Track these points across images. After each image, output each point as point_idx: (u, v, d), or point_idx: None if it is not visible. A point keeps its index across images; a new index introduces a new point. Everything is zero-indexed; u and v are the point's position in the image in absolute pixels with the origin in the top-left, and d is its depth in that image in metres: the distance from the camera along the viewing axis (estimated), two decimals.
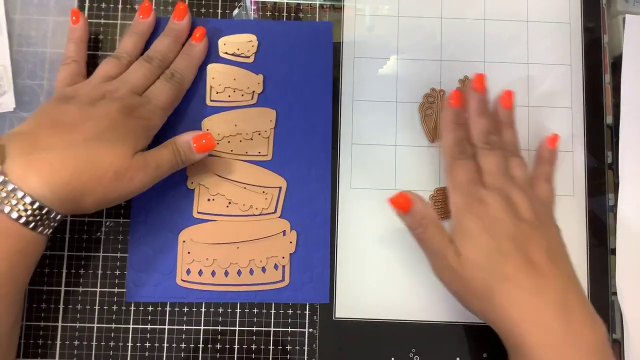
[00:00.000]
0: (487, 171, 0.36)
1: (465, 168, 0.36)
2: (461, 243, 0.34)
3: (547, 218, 0.35)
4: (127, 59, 0.38)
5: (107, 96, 0.34)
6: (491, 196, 0.34)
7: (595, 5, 0.43)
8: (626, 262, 0.40)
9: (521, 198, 0.34)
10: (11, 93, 0.40)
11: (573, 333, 0.30)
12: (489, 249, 0.33)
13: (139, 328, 0.38)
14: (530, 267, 0.32)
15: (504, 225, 0.33)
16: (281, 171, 0.40)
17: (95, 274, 0.39)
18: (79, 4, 0.41)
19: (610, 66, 0.43)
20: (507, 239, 0.32)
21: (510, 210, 0.34)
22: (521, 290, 0.31)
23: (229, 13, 0.42)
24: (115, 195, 0.33)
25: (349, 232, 0.40)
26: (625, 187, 0.41)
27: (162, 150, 0.35)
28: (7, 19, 0.41)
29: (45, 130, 0.32)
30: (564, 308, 0.31)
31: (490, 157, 0.36)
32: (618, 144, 0.42)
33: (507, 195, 0.34)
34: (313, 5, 0.42)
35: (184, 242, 0.39)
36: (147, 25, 0.40)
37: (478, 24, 0.43)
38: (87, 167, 0.31)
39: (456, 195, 0.36)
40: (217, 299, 0.39)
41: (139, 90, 0.36)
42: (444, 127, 0.38)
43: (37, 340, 0.38)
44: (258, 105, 0.41)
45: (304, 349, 0.38)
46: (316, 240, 0.39)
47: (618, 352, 0.39)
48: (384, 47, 0.42)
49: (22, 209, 0.30)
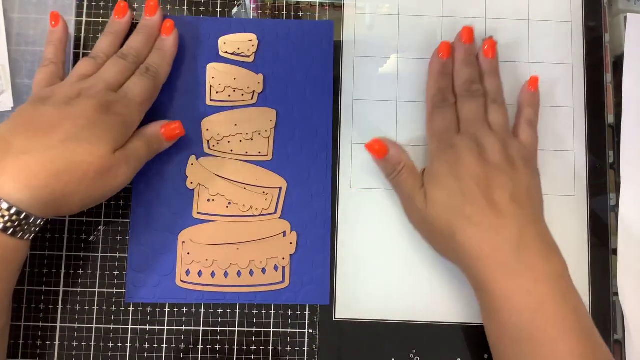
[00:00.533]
0: (464, 118, 0.37)
1: (444, 116, 0.37)
2: (428, 186, 0.35)
3: (522, 162, 0.35)
4: (103, 59, 0.37)
5: (83, 94, 0.34)
6: (462, 141, 0.35)
7: (597, 4, 0.43)
8: (627, 262, 0.40)
9: (492, 142, 0.35)
10: (9, 92, 0.40)
11: (527, 265, 0.32)
12: (452, 190, 0.34)
13: (138, 329, 0.38)
14: (491, 208, 0.33)
15: (470, 168, 0.34)
16: (281, 171, 0.40)
17: (94, 274, 0.39)
18: (77, 3, 0.41)
19: (612, 65, 0.43)
20: (471, 180, 0.34)
21: (478, 154, 0.34)
22: (479, 228, 0.33)
23: (229, 12, 0.42)
24: (100, 193, 0.33)
25: (349, 233, 0.40)
26: (626, 187, 0.41)
27: (136, 143, 0.35)
28: (6, 18, 0.41)
29: (21, 132, 0.31)
30: (519, 243, 0.32)
31: (469, 104, 0.37)
32: (619, 144, 0.41)
33: (478, 140, 0.35)
34: (313, 3, 0.42)
35: (183, 243, 0.39)
36: (123, 25, 0.39)
37: (479, 23, 0.43)
38: (66, 168, 0.31)
39: (432, 142, 0.37)
40: (216, 300, 0.38)
41: (115, 86, 0.35)
42: (430, 77, 0.40)
43: (35, 341, 0.38)
44: (258, 105, 0.41)
45: (303, 350, 0.38)
46: (316, 242, 0.39)
47: (619, 353, 0.39)
48: (384, 46, 0.42)
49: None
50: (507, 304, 0.32)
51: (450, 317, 0.39)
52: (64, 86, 0.35)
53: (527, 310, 0.31)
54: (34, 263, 0.39)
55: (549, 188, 0.41)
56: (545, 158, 0.41)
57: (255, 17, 0.42)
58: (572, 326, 0.31)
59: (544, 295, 0.31)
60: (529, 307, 0.31)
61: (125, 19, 0.39)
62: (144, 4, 0.39)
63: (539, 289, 0.31)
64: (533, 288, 0.31)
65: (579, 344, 0.30)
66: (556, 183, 0.41)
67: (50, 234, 0.39)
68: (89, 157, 0.32)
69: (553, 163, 0.41)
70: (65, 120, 0.32)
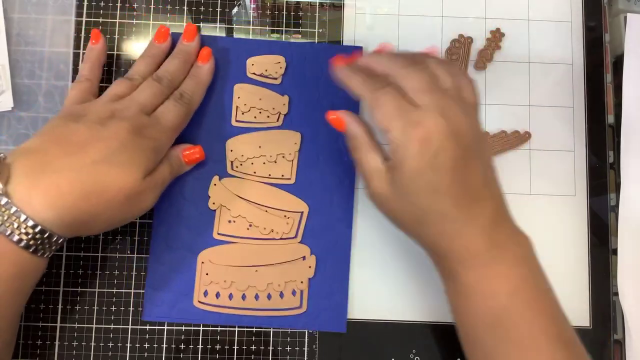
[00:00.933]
0: (416, 90, 0.31)
1: (390, 95, 0.31)
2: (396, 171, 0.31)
3: (481, 132, 0.33)
4: (139, 81, 0.37)
5: (116, 115, 0.34)
6: (429, 116, 0.30)
7: (597, 4, 0.43)
8: (627, 262, 0.40)
9: (460, 116, 0.30)
10: (9, 92, 0.40)
11: (498, 248, 0.31)
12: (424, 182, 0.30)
13: (138, 329, 0.38)
14: (465, 197, 0.30)
15: (447, 154, 0.30)
16: (304, 195, 0.39)
17: (94, 274, 0.39)
18: (77, 3, 0.41)
19: (612, 65, 0.43)
20: (445, 171, 0.30)
21: (452, 135, 0.30)
22: (452, 221, 0.31)
23: (229, 12, 0.42)
24: (124, 217, 0.34)
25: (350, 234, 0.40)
26: (626, 187, 0.41)
27: (162, 167, 0.35)
28: (6, 18, 0.41)
29: (53, 149, 0.31)
30: (492, 228, 0.31)
31: (414, 74, 0.31)
32: (620, 144, 0.41)
33: (444, 113, 0.30)
34: (313, 3, 0.42)
35: (202, 263, 0.38)
36: (162, 49, 0.39)
37: (479, 23, 0.43)
38: (95, 190, 0.31)
39: (391, 126, 0.31)
40: (233, 323, 0.38)
41: (148, 109, 0.35)
42: (346, 80, 0.34)
43: (35, 341, 0.38)
44: (283, 127, 0.40)
45: (303, 350, 0.38)
46: (335, 268, 0.39)
47: (619, 353, 0.39)
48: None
49: (23, 232, 0.29)
50: (482, 289, 0.31)
51: (450, 317, 0.39)
52: (97, 104, 0.35)
53: (503, 294, 0.31)
54: None
55: (549, 188, 0.41)
56: (545, 158, 0.41)
57: (255, 17, 0.42)
58: (545, 306, 0.31)
59: (519, 278, 0.31)
60: (505, 291, 0.31)
61: (165, 44, 0.39)
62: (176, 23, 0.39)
63: (515, 272, 0.31)
64: (508, 271, 0.31)
65: (553, 324, 0.30)
66: (556, 183, 0.41)
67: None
68: (119, 181, 0.32)
69: (553, 163, 0.41)
70: (97, 141, 0.32)
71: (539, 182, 0.41)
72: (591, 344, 0.39)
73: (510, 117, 0.41)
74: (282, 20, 0.42)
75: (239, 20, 0.42)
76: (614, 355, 0.39)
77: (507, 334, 0.31)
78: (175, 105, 0.36)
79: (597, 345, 0.39)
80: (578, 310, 0.40)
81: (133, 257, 0.39)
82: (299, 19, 0.42)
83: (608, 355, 0.39)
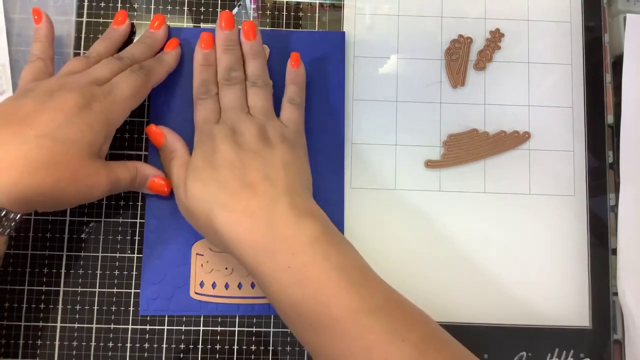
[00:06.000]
0: (225, 107, 0.36)
1: (204, 107, 0.36)
2: (187, 179, 0.34)
3: (279, 140, 0.35)
4: (95, 59, 0.36)
5: (66, 86, 0.33)
6: (219, 130, 0.35)
7: (596, 4, 0.43)
8: (627, 262, 0.40)
9: (247, 127, 0.35)
10: (9, 92, 0.40)
11: (282, 239, 0.31)
12: (207, 180, 0.33)
13: (138, 329, 0.38)
14: (246, 191, 0.32)
15: (224, 155, 0.33)
16: None
17: (94, 274, 0.39)
18: (77, 3, 0.41)
19: (611, 65, 0.43)
20: (225, 168, 0.33)
21: (233, 140, 0.34)
22: (234, 214, 0.32)
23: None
24: (76, 197, 0.33)
25: (349, 232, 0.40)
26: (626, 187, 0.41)
27: (123, 168, 0.35)
28: (6, 19, 0.41)
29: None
30: (271, 220, 0.31)
31: (228, 92, 0.37)
32: (619, 144, 0.41)
33: (234, 127, 0.35)
34: (313, 4, 0.42)
35: (197, 255, 0.38)
36: (121, 32, 0.39)
37: (479, 23, 0.43)
38: (39, 166, 0.30)
39: (195, 135, 0.36)
40: (231, 312, 0.38)
41: (102, 82, 0.34)
42: (194, 70, 0.38)
43: (35, 341, 0.38)
44: None
45: (303, 350, 0.38)
46: None
47: (619, 353, 0.39)
48: (384, 46, 0.42)
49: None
50: (274, 283, 0.31)
51: (450, 317, 0.39)
52: (50, 80, 0.34)
53: (292, 285, 0.30)
54: (34, 263, 0.39)
55: (549, 188, 0.41)
56: (545, 158, 0.41)
57: (256, 17, 0.42)
58: (339, 285, 0.30)
59: (304, 266, 0.30)
60: (293, 281, 0.30)
61: (123, 27, 0.39)
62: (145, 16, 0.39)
63: (297, 260, 0.30)
64: (291, 261, 0.30)
65: (352, 298, 0.29)
66: (556, 183, 0.41)
67: (50, 234, 0.39)
68: (65, 157, 0.31)
69: (553, 163, 0.41)
70: (43, 114, 0.31)
71: (538, 182, 0.41)
72: (591, 344, 0.39)
73: (510, 117, 0.41)
74: (282, 21, 0.42)
75: (239, 21, 0.42)
76: (614, 355, 0.39)
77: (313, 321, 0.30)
78: (131, 74, 0.35)
79: (597, 345, 0.39)
80: (578, 310, 0.40)
81: (133, 257, 0.39)
82: (299, 19, 0.42)
83: (608, 355, 0.39)
